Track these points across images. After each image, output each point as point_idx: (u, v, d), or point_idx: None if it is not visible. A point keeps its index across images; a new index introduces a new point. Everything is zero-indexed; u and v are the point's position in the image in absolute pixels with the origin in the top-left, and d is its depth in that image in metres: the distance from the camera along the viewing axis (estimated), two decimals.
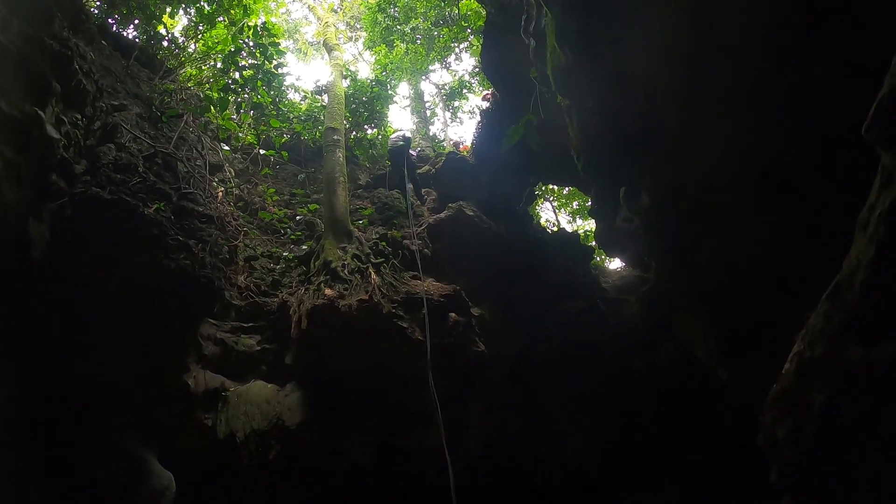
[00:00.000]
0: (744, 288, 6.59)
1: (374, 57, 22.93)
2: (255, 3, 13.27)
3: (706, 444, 11.11)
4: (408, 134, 14.01)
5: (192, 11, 12.81)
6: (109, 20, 11.72)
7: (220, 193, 11.16)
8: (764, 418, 3.43)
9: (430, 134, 24.64)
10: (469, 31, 21.30)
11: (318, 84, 18.86)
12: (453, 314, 10.33)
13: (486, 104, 15.45)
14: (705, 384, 10.36)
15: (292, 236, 12.87)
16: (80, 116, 8.04)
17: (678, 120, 6.31)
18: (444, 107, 25.91)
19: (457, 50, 23.75)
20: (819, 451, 2.97)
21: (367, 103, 18.60)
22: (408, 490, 10.21)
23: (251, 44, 12.23)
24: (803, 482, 3.09)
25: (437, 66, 24.75)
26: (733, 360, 7.25)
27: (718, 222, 6.49)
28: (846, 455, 2.82)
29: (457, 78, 25.17)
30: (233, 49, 12.04)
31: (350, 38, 25.51)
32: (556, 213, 25.32)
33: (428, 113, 26.09)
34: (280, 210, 13.62)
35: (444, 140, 23.89)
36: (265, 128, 15.26)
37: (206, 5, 12.42)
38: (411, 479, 10.15)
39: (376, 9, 22.38)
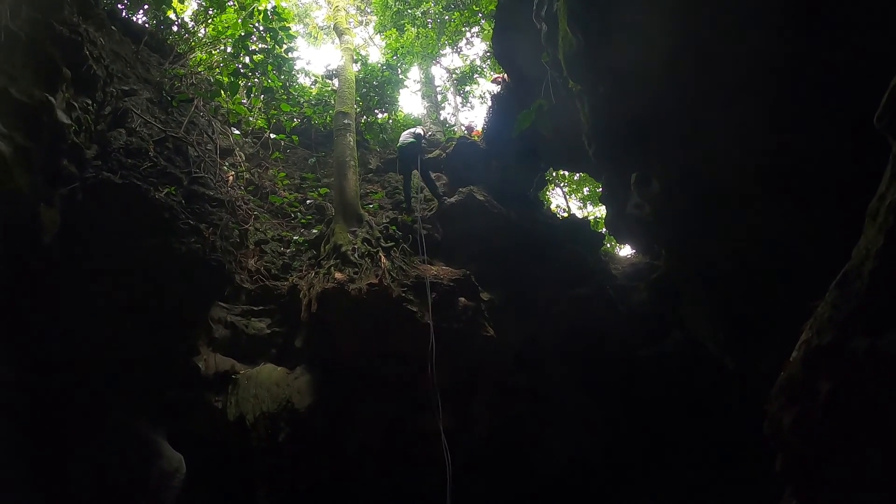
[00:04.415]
0: (752, 276, 6.55)
1: (384, 41, 22.82)
2: None
3: (713, 434, 11.10)
4: (418, 130, 13.76)
5: None
6: (119, 5, 11.74)
7: (231, 177, 11.20)
8: (770, 406, 3.42)
9: (441, 118, 24.55)
10: (480, 15, 21.17)
11: (328, 68, 18.82)
12: (463, 298, 10.35)
13: (497, 88, 15.33)
14: (713, 373, 10.33)
15: (303, 220, 12.91)
16: (90, 101, 8.08)
17: (689, 107, 6.26)
18: (455, 91, 25.79)
19: (468, 34, 23.61)
20: (824, 439, 2.96)
21: (377, 87, 18.56)
22: (415, 474, 10.26)
23: (261, 28, 12.21)
24: (808, 471, 3.09)
25: (448, 50, 24.63)
26: (741, 350, 7.23)
27: (728, 210, 6.45)
28: (851, 444, 2.81)
29: (468, 62, 25.07)
30: (243, 33, 12.02)
31: (361, 22, 25.42)
32: (566, 199, 25.24)
33: (439, 97, 25.95)
34: (290, 194, 13.65)
35: (454, 125, 23.81)
36: (275, 112, 15.26)
37: None
38: (419, 463, 10.20)
39: None
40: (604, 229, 14.37)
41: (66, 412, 7.74)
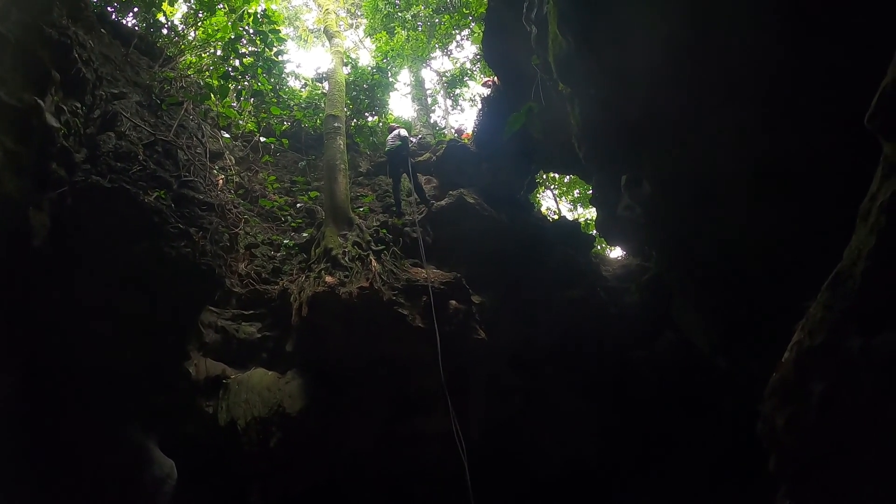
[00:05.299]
0: (744, 277, 6.58)
1: (374, 44, 22.83)
2: None
3: (706, 434, 11.13)
4: (403, 132, 13.72)
5: None
6: (108, 8, 11.65)
7: (221, 181, 11.13)
8: (763, 407, 3.43)
9: (431, 121, 24.56)
10: (470, 18, 21.19)
11: (318, 71, 18.81)
12: (454, 301, 10.33)
13: (486, 91, 15.35)
14: (706, 374, 10.38)
15: (293, 224, 12.87)
16: (79, 105, 8.01)
17: (679, 109, 6.28)
18: (445, 94, 25.76)
19: (458, 37, 23.64)
20: (817, 439, 2.97)
21: (367, 90, 18.56)
22: (408, 477, 10.24)
23: (251, 31, 12.15)
24: (801, 471, 3.10)
25: (438, 53, 24.64)
26: (733, 350, 7.26)
27: (719, 211, 6.47)
28: (845, 444, 2.82)
29: (458, 65, 25.07)
30: (233, 36, 11.96)
31: (351, 26, 25.39)
32: (557, 202, 25.32)
33: (429, 100, 25.98)
34: (281, 197, 13.61)
35: (444, 127, 23.82)
36: (265, 115, 15.21)
37: None
38: (412, 467, 10.18)
39: None
40: (594, 231, 14.43)
41: (60, 418, 7.67)
